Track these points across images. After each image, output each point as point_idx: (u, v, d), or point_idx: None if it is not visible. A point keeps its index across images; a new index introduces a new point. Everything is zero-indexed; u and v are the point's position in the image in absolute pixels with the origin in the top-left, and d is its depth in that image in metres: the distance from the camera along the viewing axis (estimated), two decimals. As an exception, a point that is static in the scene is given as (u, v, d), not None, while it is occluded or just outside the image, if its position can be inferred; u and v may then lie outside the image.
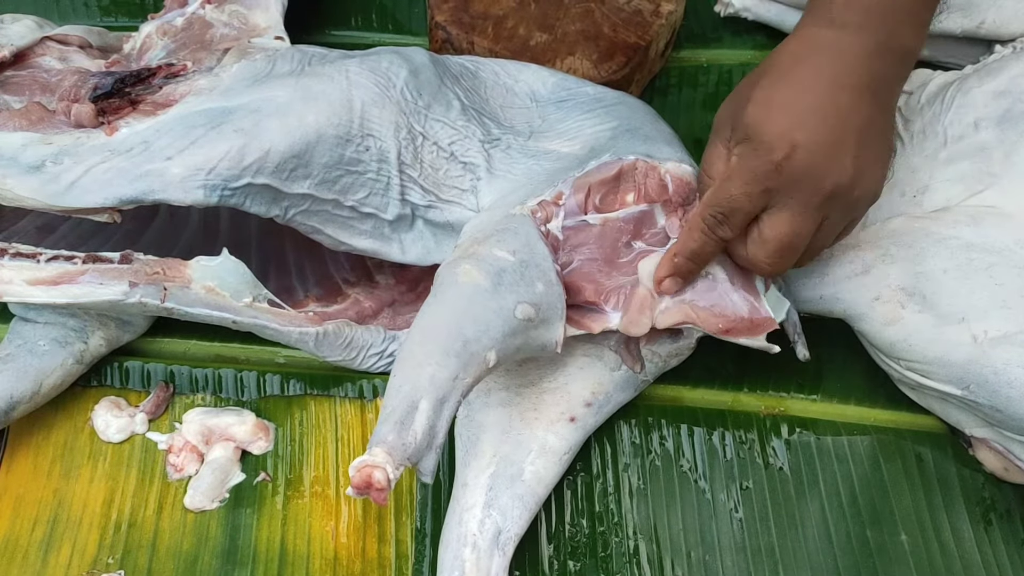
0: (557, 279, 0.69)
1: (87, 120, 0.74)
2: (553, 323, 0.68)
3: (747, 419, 0.81)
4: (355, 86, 0.74)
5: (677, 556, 0.75)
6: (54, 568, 0.76)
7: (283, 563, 0.76)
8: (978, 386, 0.71)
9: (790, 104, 0.62)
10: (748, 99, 0.64)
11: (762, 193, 0.63)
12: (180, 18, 0.88)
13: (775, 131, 0.62)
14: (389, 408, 0.59)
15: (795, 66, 0.64)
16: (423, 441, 0.59)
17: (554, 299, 0.68)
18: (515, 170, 0.77)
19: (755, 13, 1.01)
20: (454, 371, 0.61)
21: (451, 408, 0.61)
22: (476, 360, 0.62)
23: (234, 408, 0.82)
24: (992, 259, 0.73)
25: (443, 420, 0.60)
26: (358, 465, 0.56)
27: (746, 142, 0.64)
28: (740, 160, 0.64)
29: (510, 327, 0.65)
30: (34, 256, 0.74)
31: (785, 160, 0.62)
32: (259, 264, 0.85)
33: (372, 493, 0.55)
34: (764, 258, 0.66)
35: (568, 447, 0.74)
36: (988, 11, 0.89)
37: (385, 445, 0.57)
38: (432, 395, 0.60)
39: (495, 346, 0.64)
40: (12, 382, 0.77)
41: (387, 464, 0.56)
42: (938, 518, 0.76)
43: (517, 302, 0.65)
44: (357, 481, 0.55)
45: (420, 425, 0.59)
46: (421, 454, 0.59)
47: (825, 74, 0.63)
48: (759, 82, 0.65)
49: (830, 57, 0.63)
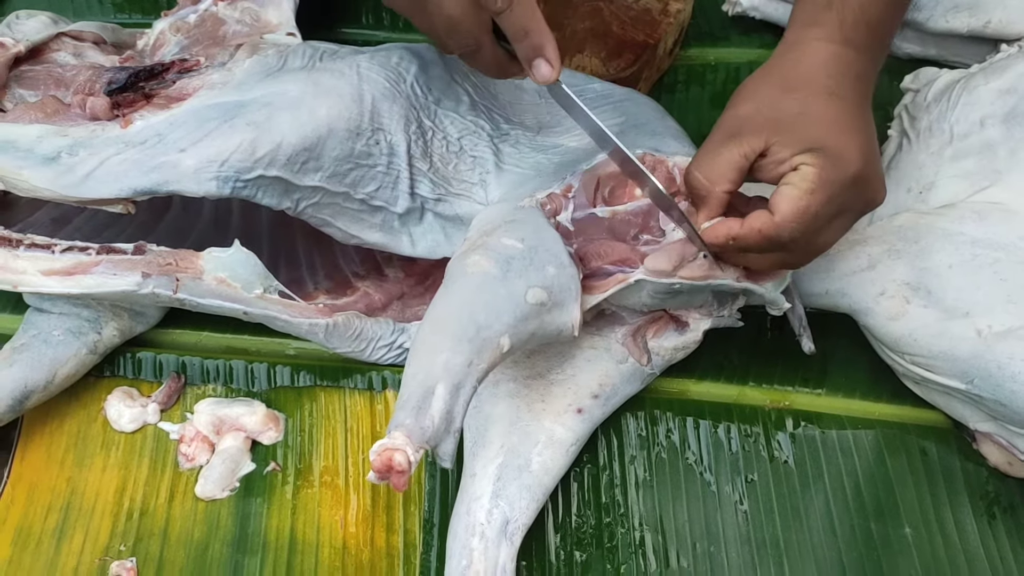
0: (569, 260, 0.69)
1: (102, 113, 0.75)
2: (567, 305, 0.68)
3: (753, 412, 0.82)
4: (366, 81, 0.75)
5: (682, 547, 0.76)
6: (67, 555, 0.77)
7: (292, 552, 0.77)
8: (982, 380, 0.71)
9: (847, 121, 0.64)
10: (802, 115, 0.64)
11: (838, 205, 0.64)
12: (193, 15, 0.89)
13: (851, 146, 0.63)
14: (406, 395, 0.60)
15: (838, 85, 0.65)
16: (441, 425, 0.59)
17: (567, 280, 0.68)
18: (524, 164, 0.78)
19: (763, 12, 1.02)
20: (468, 357, 0.61)
21: (467, 393, 0.61)
22: (489, 346, 0.63)
23: (245, 399, 0.83)
24: (997, 255, 0.73)
25: (460, 405, 0.61)
26: (378, 449, 0.56)
27: (818, 154, 0.62)
28: (820, 173, 0.62)
29: (522, 312, 0.65)
30: (49, 247, 0.75)
31: (859, 173, 0.63)
32: (270, 256, 0.86)
33: (393, 477, 0.55)
34: (806, 261, 0.68)
35: (575, 438, 0.75)
36: (994, 10, 0.89)
37: (404, 428, 0.57)
38: (447, 380, 0.60)
39: (508, 331, 0.64)
40: (26, 371, 0.78)
41: (407, 447, 0.56)
42: (942, 512, 0.77)
43: (528, 286, 0.66)
44: (378, 465, 0.55)
45: (437, 409, 0.59)
46: (439, 438, 0.59)
47: (860, 92, 0.66)
48: (807, 99, 0.64)
49: (857, 76, 0.66)
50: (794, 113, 0.64)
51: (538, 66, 0.65)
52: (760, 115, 0.65)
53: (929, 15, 0.92)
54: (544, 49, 0.64)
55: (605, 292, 0.70)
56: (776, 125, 0.64)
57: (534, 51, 0.64)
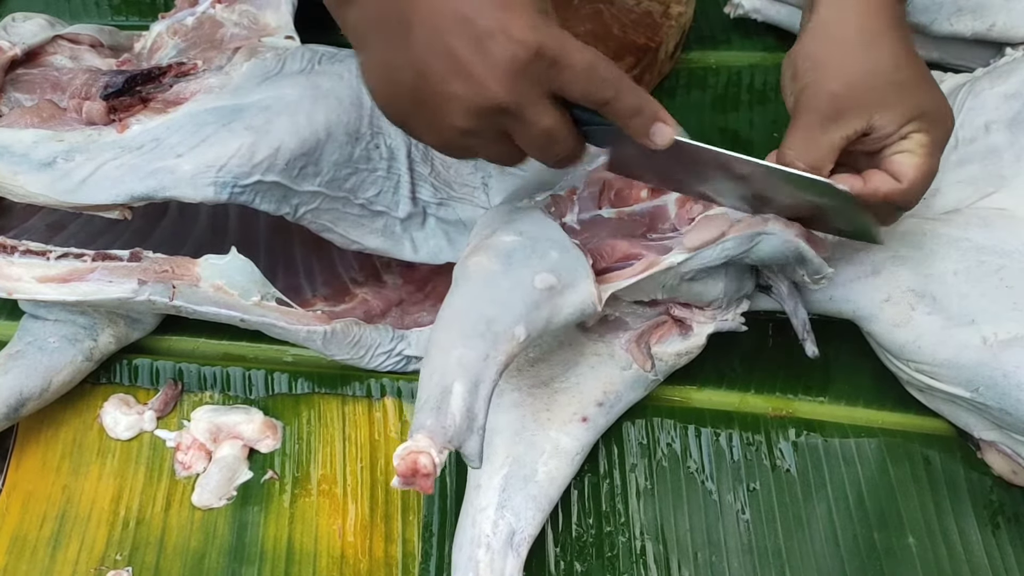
0: (572, 245, 0.68)
1: (99, 117, 0.74)
2: (579, 284, 0.66)
3: (755, 420, 0.81)
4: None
5: (684, 557, 0.75)
6: (62, 564, 0.76)
7: (290, 561, 0.76)
8: (987, 388, 0.70)
9: (923, 71, 0.66)
10: (894, 85, 0.64)
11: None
12: (191, 18, 0.88)
13: (939, 98, 0.65)
14: (424, 396, 0.58)
15: (899, 22, 0.65)
16: (463, 423, 0.57)
17: (572, 261, 0.67)
18: (526, 167, 0.77)
19: (765, 15, 1.01)
20: (483, 351, 0.60)
21: (487, 388, 0.60)
22: (504, 337, 0.61)
23: (242, 406, 0.82)
24: (1002, 261, 0.73)
25: (480, 401, 0.59)
26: (402, 453, 0.54)
27: (923, 120, 0.64)
28: (932, 137, 0.64)
29: (532, 299, 0.64)
30: (44, 254, 0.74)
31: (952, 121, 0.67)
32: (267, 263, 0.85)
33: (418, 480, 0.54)
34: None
35: (580, 447, 0.74)
36: (999, 14, 0.89)
37: (425, 430, 0.56)
38: (464, 377, 0.59)
39: (521, 320, 0.62)
40: (22, 379, 0.77)
41: (431, 448, 0.55)
42: (946, 521, 0.76)
43: (534, 273, 0.64)
44: (403, 469, 0.54)
45: (457, 407, 0.57)
46: (463, 437, 0.58)
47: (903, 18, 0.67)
48: (889, 57, 0.64)
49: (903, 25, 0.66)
50: (886, 83, 0.63)
51: (658, 131, 0.59)
52: (855, 91, 0.63)
53: (933, 18, 0.92)
54: (660, 113, 0.59)
55: (629, 281, 0.69)
56: (874, 102, 0.63)
57: (652, 119, 0.59)
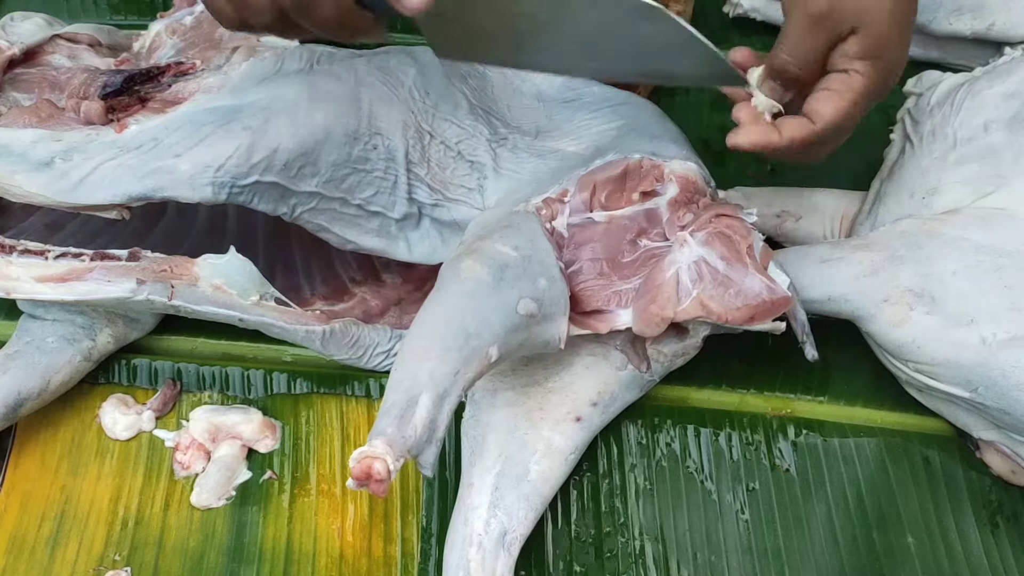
0: (560, 275, 0.69)
1: (97, 117, 0.74)
2: (556, 319, 0.68)
3: (754, 420, 0.81)
4: (363, 84, 0.74)
5: (683, 557, 0.75)
6: (61, 564, 0.76)
7: (289, 561, 0.76)
8: (986, 388, 0.70)
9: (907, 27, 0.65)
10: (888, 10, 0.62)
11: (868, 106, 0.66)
12: (189, 17, 0.88)
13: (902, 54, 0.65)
14: (390, 402, 0.60)
15: None
16: (423, 434, 0.59)
17: (557, 295, 0.68)
18: (521, 169, 0.77)
19: (764, 14, 1.01)
20: (455, 366, 0.61)
21: (452, 402, 0.61)
22: (477, 355, 0.63)
23: (241, 406, 0.82)
24: (1001, 261, 0.72)
25: (444, 414, 0.61)
26: (358, 456, 0.56)
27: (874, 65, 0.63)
28: (867, 86, 0.63)
29: (512, 323, 0.65)
30: (42, 253, 0.74)
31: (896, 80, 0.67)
32: (266, 263, 0.85)
33: (371, 484, 0.56)
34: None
35: (574, 447, 0.74)
36: (998, 13, 0.89)
37: (385, 437, 0.57)
38: (432, 390, 0.60)
39: (496, 341, 0.64)
40: (20, 379, 0.77)
41: (387, 455, 0.56)
42: (945, 521, 0.76)
43: (519, 297, 0.65)
44: (357, 472, 0.56)
45: (420, 419, 0.59)
46: (421, 447, 0.59)
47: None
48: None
49: None
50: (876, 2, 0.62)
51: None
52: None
53: (932, 17, 0.92)
54: None
55: (585, 331, 0.71)
56: (861, 16, 0.62)
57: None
